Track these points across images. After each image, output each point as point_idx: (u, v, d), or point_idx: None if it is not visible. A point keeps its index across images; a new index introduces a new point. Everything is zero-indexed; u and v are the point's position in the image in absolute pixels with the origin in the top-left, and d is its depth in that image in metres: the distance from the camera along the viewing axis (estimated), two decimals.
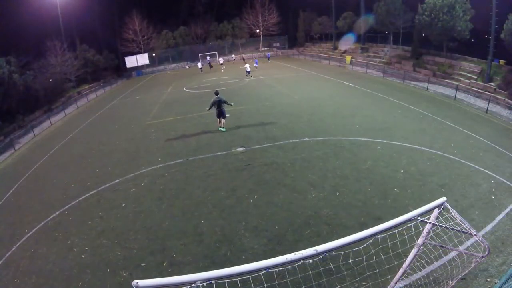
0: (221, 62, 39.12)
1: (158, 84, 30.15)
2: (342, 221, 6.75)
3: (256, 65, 31.12)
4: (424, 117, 13.54)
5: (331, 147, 10.64)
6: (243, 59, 40.42)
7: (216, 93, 12.79)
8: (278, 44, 47.14)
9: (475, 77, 19.43)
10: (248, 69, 26.69)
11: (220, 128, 13.25)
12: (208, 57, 40.41)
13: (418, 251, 3.70)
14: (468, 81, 19.28)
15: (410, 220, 3.20)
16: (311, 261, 2.83)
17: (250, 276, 2.61)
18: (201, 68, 34.88)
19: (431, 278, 4.92)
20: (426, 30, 22.56)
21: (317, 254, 2.68)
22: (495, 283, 4.80)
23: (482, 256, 3.54)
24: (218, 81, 26.17)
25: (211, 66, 35.94)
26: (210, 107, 12.73)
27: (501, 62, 18.82)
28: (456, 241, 4.45)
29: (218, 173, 9.43)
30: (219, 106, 12.69)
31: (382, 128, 12.20)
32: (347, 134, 11.72)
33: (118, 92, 28.90)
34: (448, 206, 3.42)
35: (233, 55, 43.68)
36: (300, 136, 11.82)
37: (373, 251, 3.50)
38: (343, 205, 7.34)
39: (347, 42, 34.93)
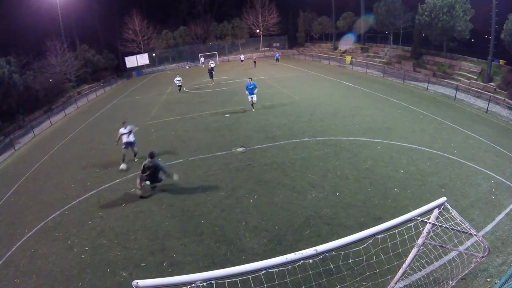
0: (212, 65, 28.95)
1: (158, 84, 30.12)
2: (342, 221, 6.75)
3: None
4: (424, 117, 13.53)
5: (331, 147, 10.64)
6: (254, 62, 33.71)
7: (151, 155, 7.97)
8: (278, 44, 47.03)
9: (475, 77, 19.43)
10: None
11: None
12: (210, 61, 32.88)
13: (418, 251, 3.70)
14: (468, 81, 19.28)
15: (410, 220, 3.20)
16: (311, 261, 2.83)
17: (250, 276, 2.61)
18: (179, 86, 23.29)
19: (431, 278, 4.92)
20: (426, 30, 22.56)
21: (317, 254, 2.68)
22: (495, 283, 4.80)
23: (482, 256, 3.54)
24: (218, 81, 26.13)
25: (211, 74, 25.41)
26: (142, 173, 8.05)
27: (501, 62, 18.83)
28: (456, 241, 4.45)
29: (218, 173, 9.43)
30: (154, 172, 8.04)
31: (382, 128, 12.20)
32: (347, 134, 11.72)
33: (118, 92, 28.87)
34: (448, 206, 3.42)
35: (242, 56, 38.92)
36: (300, 136, 11.81)
37: (373, 251, 3.50)
38: (343, 205, 7.34)
39: (347, 42, 34.92)
